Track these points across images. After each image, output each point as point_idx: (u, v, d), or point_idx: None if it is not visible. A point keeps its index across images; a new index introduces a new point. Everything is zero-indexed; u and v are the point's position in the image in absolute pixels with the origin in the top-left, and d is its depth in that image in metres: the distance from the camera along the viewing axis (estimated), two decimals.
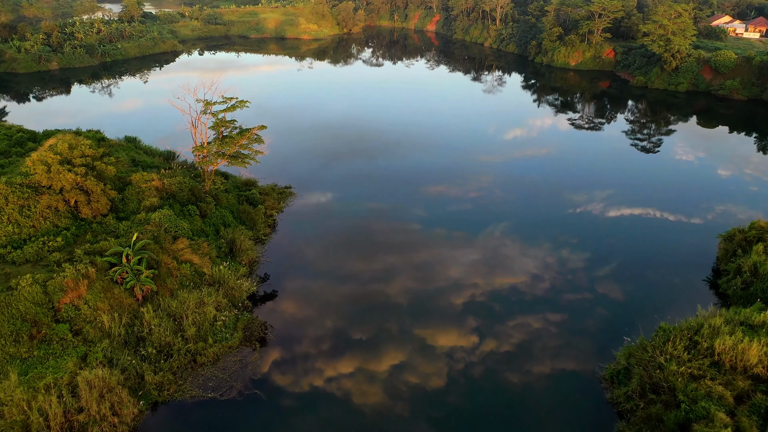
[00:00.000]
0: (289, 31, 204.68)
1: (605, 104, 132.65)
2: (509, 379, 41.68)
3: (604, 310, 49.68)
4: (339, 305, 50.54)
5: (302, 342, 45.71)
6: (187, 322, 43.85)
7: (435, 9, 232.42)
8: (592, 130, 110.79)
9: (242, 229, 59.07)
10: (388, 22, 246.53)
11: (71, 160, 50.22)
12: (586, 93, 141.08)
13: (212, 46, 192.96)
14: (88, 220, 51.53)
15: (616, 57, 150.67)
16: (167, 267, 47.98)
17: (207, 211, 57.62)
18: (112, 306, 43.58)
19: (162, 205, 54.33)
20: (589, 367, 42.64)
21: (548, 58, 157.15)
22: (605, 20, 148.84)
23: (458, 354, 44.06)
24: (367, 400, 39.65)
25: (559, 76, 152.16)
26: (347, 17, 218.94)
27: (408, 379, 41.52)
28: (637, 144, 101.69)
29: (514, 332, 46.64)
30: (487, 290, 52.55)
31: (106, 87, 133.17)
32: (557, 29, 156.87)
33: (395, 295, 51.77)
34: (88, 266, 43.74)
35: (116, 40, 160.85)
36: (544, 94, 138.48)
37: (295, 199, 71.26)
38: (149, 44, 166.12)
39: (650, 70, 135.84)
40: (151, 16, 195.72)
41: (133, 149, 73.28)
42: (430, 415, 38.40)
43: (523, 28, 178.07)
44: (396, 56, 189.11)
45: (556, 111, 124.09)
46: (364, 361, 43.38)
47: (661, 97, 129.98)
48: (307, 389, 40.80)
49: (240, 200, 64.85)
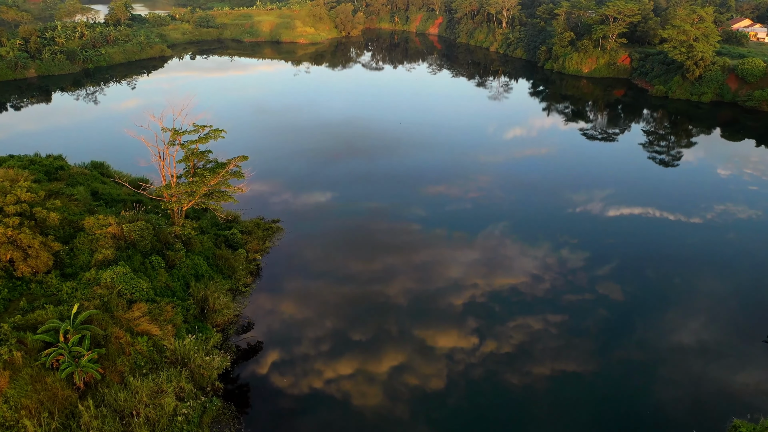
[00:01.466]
0: (285, 35, 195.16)
1: (620, 114, 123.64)
2: (509, 380, 41.25)
3: (605, 311, 49.18)
4: (338, 306, 49.93)
5: (301, 343, 44.86)
6: (138, 421, 34.54)
7: (437, 11, 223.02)
8: (606, 141, 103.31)
9: (218, 279, 49.78)
10: (389, 25, 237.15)
11: (2, 207, 40.88)
12: (599, 102, 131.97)
13: (204, 50, 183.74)
14: (26, 278, 42.17)
15: (632, 64, 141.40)
16: (118, 343, 38.60)
17: (175, 261, 48.24)
18: (42, 402, 34.17)
19: (118, 257, 45.00)
20: (589, 369, 42.34)
21: (559, 64, 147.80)
22: (621, 25, 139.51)
23: (458, 355, 43.73)
24: (366, 402, 39.29)
25: (571, 83, 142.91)
26: (346, 20, 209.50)
27: (408, 380, 41.18)
28: (655, 157, 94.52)
29: (515, 333, 46.22)
30: (487, 291, 52.11)
31: (85, 96, 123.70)
32: (568, 34, 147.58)
33: (395, 296, 51.22)
34: (13, 349, 34.49)
35: (100, 45, 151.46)
36: (554, 103, 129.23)
37: (283, 236, 61.89)
38: (135, 49, 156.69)
39: (670, 79, 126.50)
40: (139, 18, 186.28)
41: (99, 178, 63.90)
42: (430, 416, 38.09)
43: (531, 32, 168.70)
44: (397, 60, 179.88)
45: (567, 120, 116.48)
46: (364, 363, 42.87)
47: (682, 108, 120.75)
48: (306, 391, 40.22)
49: (218, 242, 55.50)
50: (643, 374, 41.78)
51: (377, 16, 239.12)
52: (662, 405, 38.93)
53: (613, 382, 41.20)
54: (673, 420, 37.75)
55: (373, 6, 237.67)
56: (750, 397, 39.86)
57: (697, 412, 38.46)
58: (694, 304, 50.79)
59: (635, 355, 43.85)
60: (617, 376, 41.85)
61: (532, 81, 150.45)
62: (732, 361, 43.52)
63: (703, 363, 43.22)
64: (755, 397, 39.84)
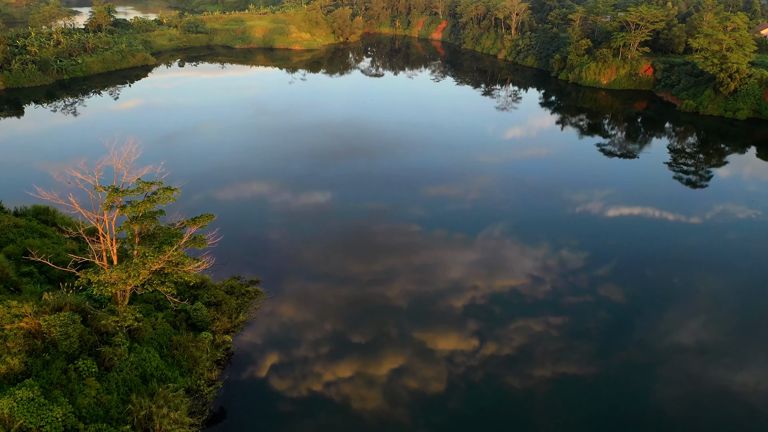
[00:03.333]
0: (279, 41, 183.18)
1: (642, 128, 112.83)
2: (510, 383, 41.01)
3: (606, 313, 49.05)
4: (337, 308, 49.46)
5: (300, 346, 44.35)
6: None
7: (441, 15, 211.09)
8: (625, 157, 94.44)
9: (174, 376, 38.14)
10: (389, 29, 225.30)
11: None
12: (619, 116, 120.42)
13: (192, 58, 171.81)
14: None
15: (655, 75, 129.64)
16: None
17: (114, 361, 36.48)
18: None
19: (30, 367, 33.30)
20: (591, 371, 42.05)
21: (575, 74, 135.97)
22: (643, 32, 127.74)
23: (458, 358, 43.47)
24: (366, 406, 38.84)
25: (589, 96, 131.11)
26: (343, 25, 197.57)
27: (407, 383, 40.83)
28: (681, 177, 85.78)
29: (515, 335, 46.10)
30: (488, 293, 52.04)
31: (58, 110, 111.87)
32: (585, 41, 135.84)
33: (394, 298, 50.92)
34: None
35: (77, 54, 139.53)
36: (569, 116, 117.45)
37: (263, 303, 50.14)
38: (116, 58, 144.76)
39: (700, 92, 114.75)
40: (123, 24, 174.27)
41: (38, 230, 52.16)
42: (430, 420, 37.75)
43: (542, 38, 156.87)
44: (398, 66, 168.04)
45: (582, 133, 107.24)
46: (363, 366, 42.38)
47: (714, 125, 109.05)
48: (305, 394, 39.62)
49: (177, 321, 43.74)
50: (644, 376, 41.58)
51: (377, 21, 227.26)
52: (664, 407, 38.68)
53: (614, 384, 40.91)
54: (674, 421, 37.63)
55: (373, 9, 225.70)
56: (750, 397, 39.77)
57: (697, 413, 38.54)
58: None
59: (637, 357, 43.55)
60: (619, 378, 41.46)
61: (545, 92, 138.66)
62: (732, 360, 43.40)
63: (704, 363, 43.07)
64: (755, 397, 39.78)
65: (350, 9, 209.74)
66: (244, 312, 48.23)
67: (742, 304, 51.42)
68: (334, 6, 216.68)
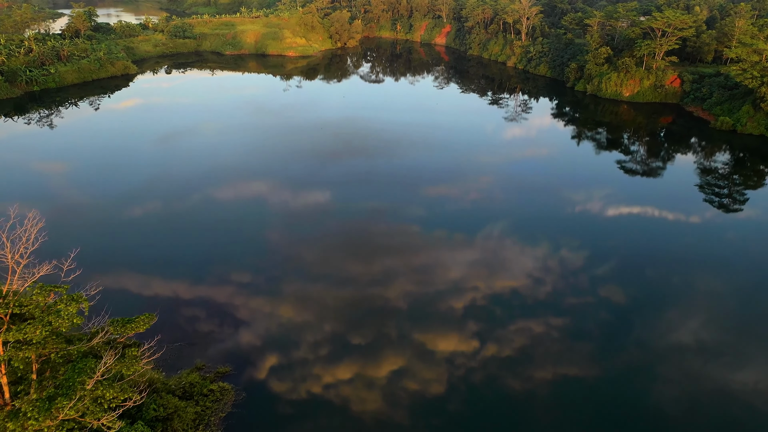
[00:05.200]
0: (272, 47, 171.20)
1: (667, 145, 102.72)
2: (511, 385, 40.60)
3: (607, 314, 48.65)
4: (337, 309, 48.66)
5: (299, 347, 43.67)
6: None
7: (445, 19, 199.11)
8: (648, 176, 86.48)
9: None
10: (390, 34, 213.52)
11: None
12: (642, 131, 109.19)
13: (179, 64, 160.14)
14: None
15: (683, 86, 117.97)
16: None
17: None
18: None
19: None
20: (591, 373, 41.66)
21: (594, 86, 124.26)
22: (670, 40, 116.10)
23: (459, 359, 43.02)
24: (365, 408, 38.24)
25: (609, 109, 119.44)
26: (341, 29, 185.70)
27: (407, 385, 40.30)
28: (713, 199, 77.67)
29: (516, 337, 45.57)
30: (488, 293, 51.58)
31: (34, 124, 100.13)
32: (605, 49, 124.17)
33: (394, 299, 50.44)
34: None
35: (50, 63, 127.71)
36: (588, 129, 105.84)
37: (232, 403, 38.49)
38: (93, 67, 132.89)
39: (736, 107, 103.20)
40: (105, 29, 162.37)
41: None
42: (430, 422, 37.27)
43: (556, 45, 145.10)
44: (399, 72, 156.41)
45: (601, 148, 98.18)
46: (363, 367, 41.87)
47: (752, 144, 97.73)
48: (304, 396, 38.95)
49: None
50: (645, 377, 41.26)
51: (377, 24, 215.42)
52: (664, 407, 38.48)
53: (615, 386, 40.69)
54: (674, 421, 37.46)
55: (373, 12, 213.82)
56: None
57: (697, 412, 38.37)
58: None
59: (637, 357, 43.32)
60: (620, 379, 41.22)
61: (558, 104, 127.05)
62: (731, 360, 43.32)
63: (704, 363, 42.93)
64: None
65: (348, 12, 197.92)
66: (204, 426, 36.55)
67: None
68: (331, 9, 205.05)
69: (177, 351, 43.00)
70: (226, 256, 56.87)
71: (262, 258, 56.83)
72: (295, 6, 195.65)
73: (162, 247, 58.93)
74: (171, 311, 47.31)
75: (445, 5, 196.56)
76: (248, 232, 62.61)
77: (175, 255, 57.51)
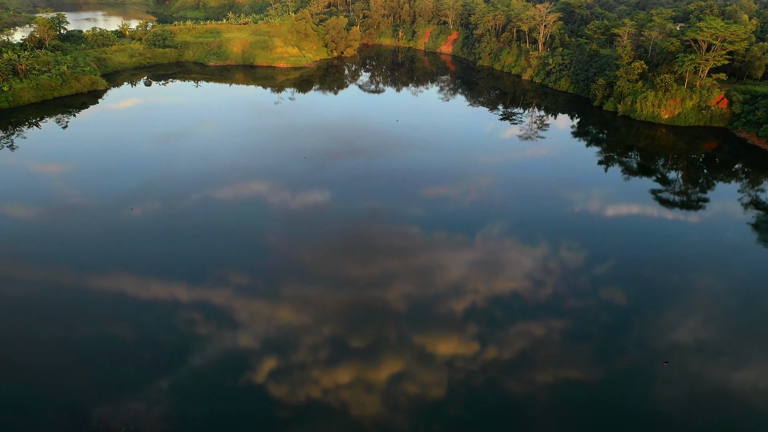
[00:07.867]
0: (261, 57, 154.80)
1: (713, 177, 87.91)
2: (511, 388, 40.18)
3: (607, 316, 48.07)
4: (336, 312, 48.43)
5: (298, 351, 43.50)
6: None
7: (451, 25, 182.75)
8: (688, 208, 75.14)
9: None
10: (391, 41, 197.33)
11: None
12: (681, 158, 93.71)
13: (159, 76, 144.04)
14: None
15: (731, 108, 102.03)
16: None
17: None
18: None
19: None
20: (592, 376, 41.22)
21: (626, 106, 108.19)
22: (718, 54, 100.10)
23: (459, 362, 42.72)
24: (364, 412, 37.98)
25: (644, 132, 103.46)
26: (338, 36, 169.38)
27: (407, 388, 40.04)
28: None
29: (516, 339, 45.11)
30: (488, 295, 50.90)
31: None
32: (639, 64, 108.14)
33: (394, 301, 49.87)
34: None
35: (4, 79, 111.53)
36: (624, 160, 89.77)
37: None
38: (54, 83, 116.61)
39: None
40: (75, 37, 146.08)
41: None
42: (430, 426, 36.86)
43: (578, 57, 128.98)
44: (401, 82, 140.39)
45: (631, 176, 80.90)
46: (362, 371, 41.67)
47: None
48: (303, 400, 38.98)
49: None
50: (645, 378, 40.85)
51: (377, 30, 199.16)
52: (665, 411, 38.10)
53: (616, 388, 40.19)
54: (674, 421, 37.23)
55: (372, 18, 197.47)
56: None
57: (697, 412, 38.04)
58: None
59: (638, 359, 42.73)
60: (620, 382, 40.69)
61: (586, 124, 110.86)
62: (731, 360, 42.67)
63: (703, 363, 42.34)
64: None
65: (346, 18, 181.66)
66: None
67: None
68: (327, 14, 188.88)
69: None
70: (225, 257, 57.24)
71: (262, 259, 56.83)
72: (287, 11, 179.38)
73: (160, 251, 58.15)
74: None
75: (452, 10, 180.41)
76: (248, 233, 62.71)
77: (174, 255, 57.34)
